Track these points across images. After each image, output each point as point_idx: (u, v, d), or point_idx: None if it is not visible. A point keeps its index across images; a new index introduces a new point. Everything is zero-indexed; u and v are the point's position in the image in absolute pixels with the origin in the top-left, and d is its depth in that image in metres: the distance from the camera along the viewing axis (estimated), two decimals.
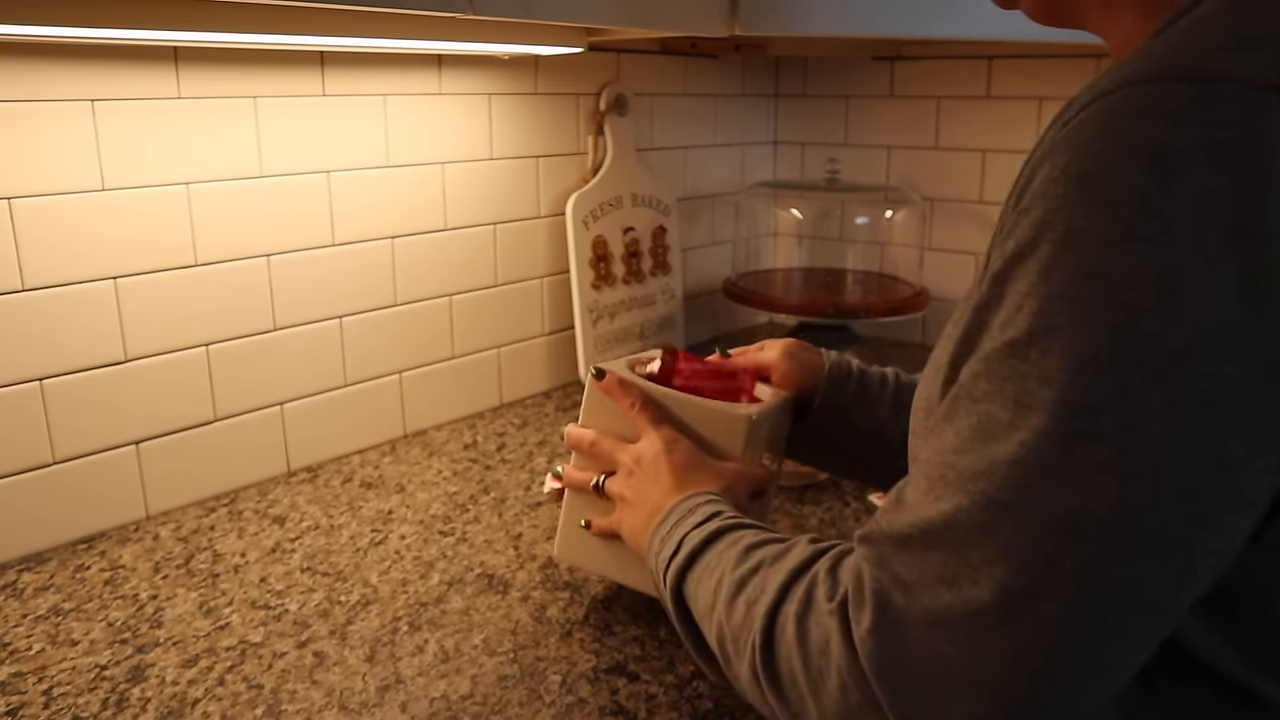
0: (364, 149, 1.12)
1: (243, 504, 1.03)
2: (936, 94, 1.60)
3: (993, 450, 0.40)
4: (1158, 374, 0.37)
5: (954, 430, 0.42)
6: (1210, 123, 0.36)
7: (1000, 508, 0.39)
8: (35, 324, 0.89)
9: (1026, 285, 0.40)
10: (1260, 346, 0.36)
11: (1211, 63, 0.38)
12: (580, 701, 0.70)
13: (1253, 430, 0.37)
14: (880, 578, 0.43)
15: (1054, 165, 0.40)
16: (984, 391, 0.41)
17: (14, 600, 0.83)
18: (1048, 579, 0.38)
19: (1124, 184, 0.37)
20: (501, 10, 0.81)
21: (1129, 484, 0.37)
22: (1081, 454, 0.38)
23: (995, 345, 0.41)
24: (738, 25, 1.02)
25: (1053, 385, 0.38)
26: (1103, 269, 0.37)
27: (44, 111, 0.87)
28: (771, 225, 1.80)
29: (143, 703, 0.70)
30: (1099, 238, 0.38)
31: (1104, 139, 0.38)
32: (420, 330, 1.23)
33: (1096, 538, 0.38)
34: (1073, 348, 0.38)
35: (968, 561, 0.40)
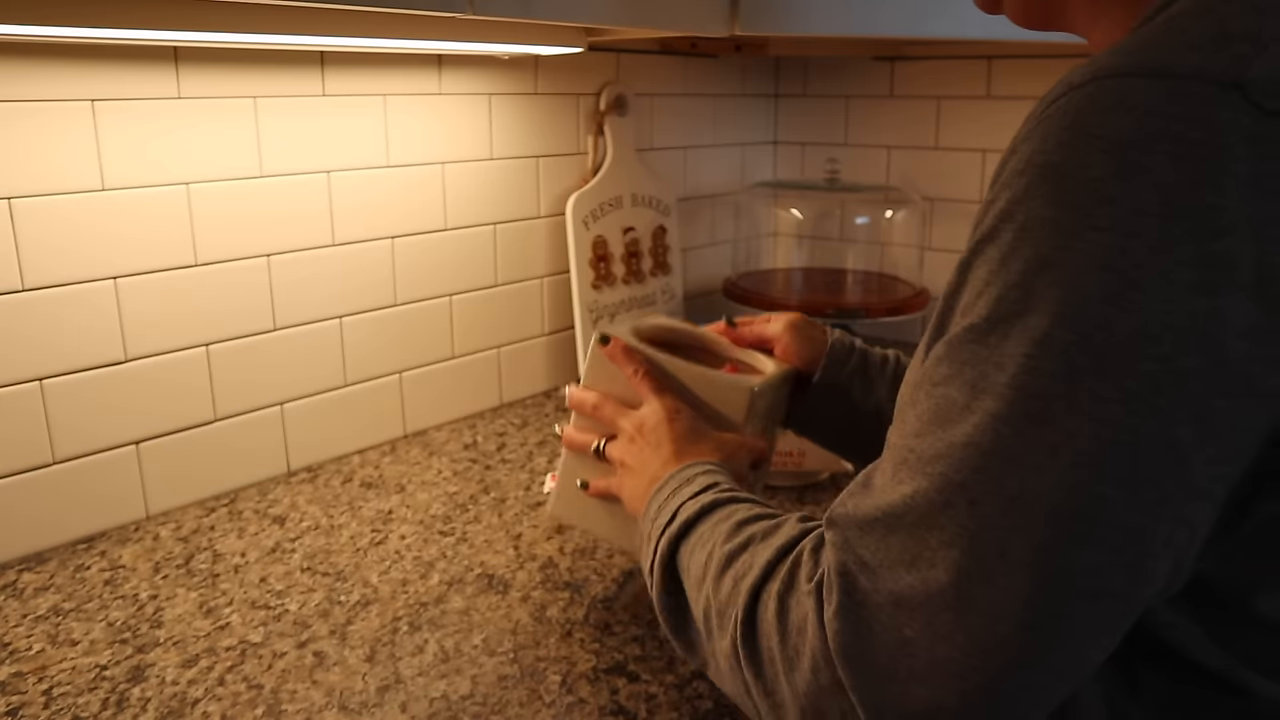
0: (364, 149, 1.12)
1: (243, 504, 1.03)
2: (936, 94, 1.60)
3: (949, 433, 0.41)
4: (1108, 362, 0.37)
5: (916, 414, 0.43)
6: (1171, 116, 0.37)
7: (956, 489, 0.40)
8: (35, 324, 0.89)
9: (987, 272, 0.41)
10: (1211, 337, 0.37)
11: (1177, 58, 0.38)
12: (580, 701, 0.70)
13: (1203, 420, 0.37)
14: (845, 560, 0.44)
15: (1020, 156, 0.41)
16: (944, 375, 0.42)
17: (14, 600, 0.83)
18: (1001, 562, 0.39)
19: (1083, 175, 0.38)
20: (501, 10, 0.81)
21: (1078, 469, 0.38)
22: (1033, 438, 0.39)
23: (957, 331, 0.42)
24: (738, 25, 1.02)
25: (1006, 370, 0.39)
26: (1058, 257, 0.38)
27: (44, 111, 0.87)
28: (771, 225, 1.80)
29: (143, 703, 0.70)
30: (1056, 226, 0.38)
31: (1068, 130, 0.39)
32: (420, 330, 1.23)
33: (1048, 522, 0.38)
34: (1027, 334, 0.39)
35: (926, 544, 0.41)
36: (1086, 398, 0.38)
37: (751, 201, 1.76)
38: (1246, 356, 0.37)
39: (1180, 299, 0.37)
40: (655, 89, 1.50)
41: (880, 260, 1.67)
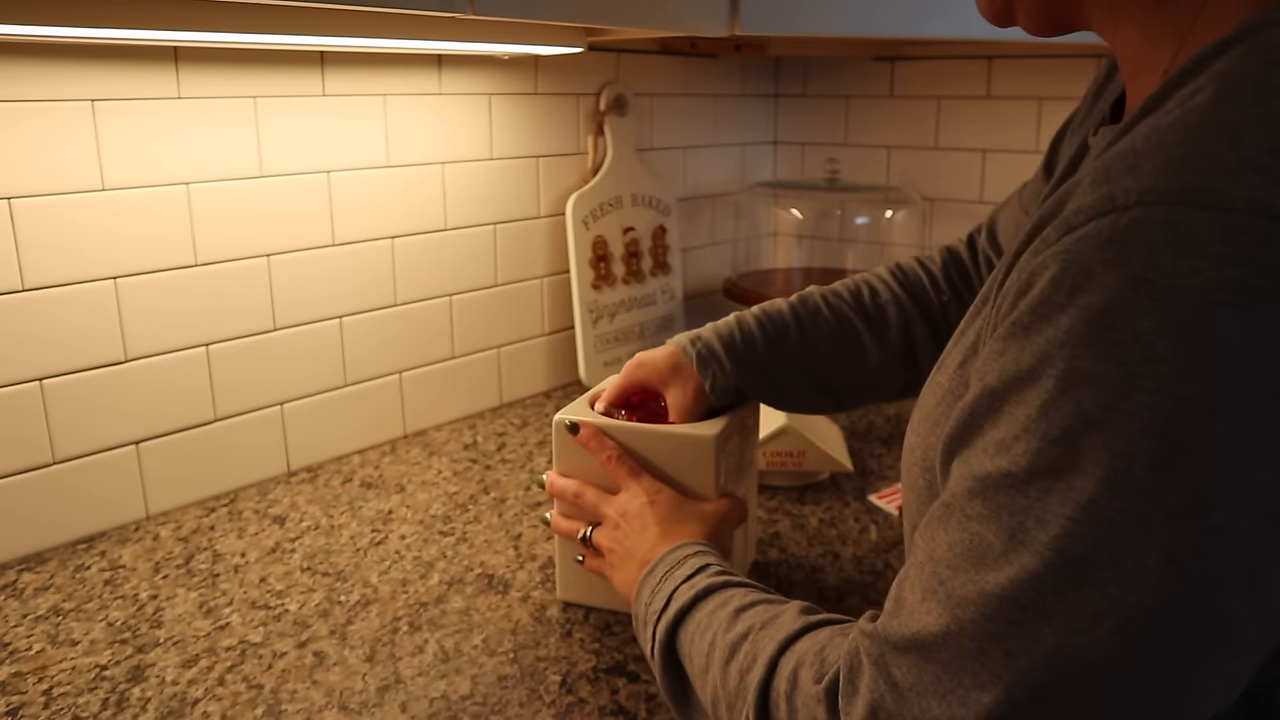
0: (364, 149, 1.12)
1: (243, 504, 1.03)
2: (936, 94, 1.60)
3: (985, 578, 0.39)
4: (1156, 532, 0.35)
5: (948, 541, 0.42)
6: (1228, 260, 0.34)
7: (991, 639, 0.39)
8: (35, 324, 0.89)
9: (1025, 418, 0.39)
10: (1268, 502, 0.35)
11: (1238, 188, 0.34)
12: (580, 701, 0.70)
13: (1255, 584, 0.36)
14: (878, 677, 0.43)
15: (1058, 286, 0.38)
16: (978, 513, 0.40)
17: (14, 600, 0.83)
18: (1035, 710, 0.38)
19: (1132, 327, 0.35)
20: (501, 10, 0.81)
21: (1122, 635, 0.36)
22: (1074, 600, 0.37)
23: (991, 470, 0.40)
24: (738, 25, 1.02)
25: (1048, 528, 0.38)
26: (1104, 417, 0.36)
27: (44, 111, 0.87)
28: (771, 225, 1.80)
29: (143, 703, 0.70)
30: (1102, 383, 0.36)
31: (1113, 269, 0.36)
32: (420, 330, 1.23)
33: (1086, 682, 0.37)
34: (1071, 495, 0.37)
35: (959, 682, 0.40)
36: (1133, 566, 0.36)
37: (751, 201, 1.76)
38: None
39: (1237, 467, 0.34)
40: (655, 89, 1.50)
41: (880, 260, 1.67)
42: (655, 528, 0.70)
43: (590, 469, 0.77)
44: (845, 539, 0.95)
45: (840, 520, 0.99)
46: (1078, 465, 0.37)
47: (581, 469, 0.78)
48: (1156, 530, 0.35)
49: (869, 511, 1.01)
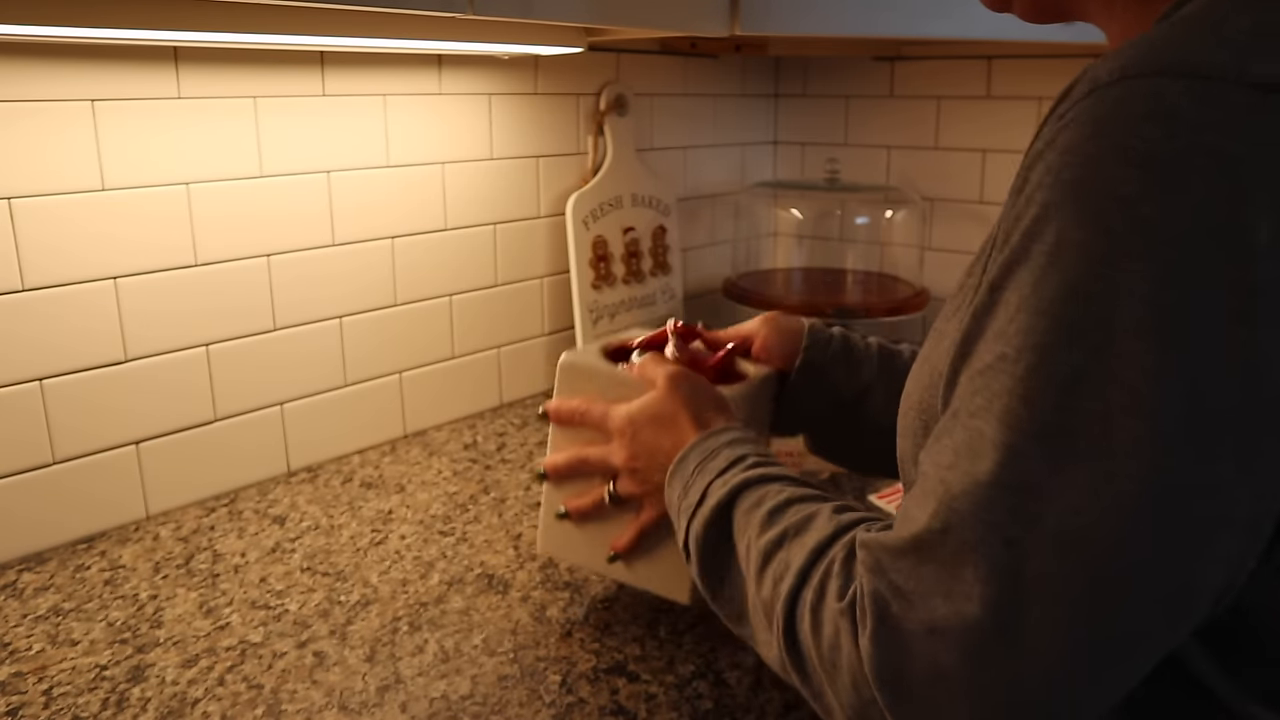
0: (364, 149, 1.12)
1: (243, 504, 1.03)
2: (936, 94, 1.60)
3: (978, 467, 0.39)
4: (1144, 399, 0.35)
5: (951, 444, 0.42)
6: (1206, 126, 0.35)
7: (989, 528, 0.39)
8: (35, 324, 0.89)
9: (1018, 298, 0.39)
10: (1250, 367, 0.35)
11: (1214, 57, 0.35)
12: (580, 701, 0.70)
13: (1244, 453, 0.36)
14: (879, 586, 0.43)
15: (1047, 167, 0.39)
16: (976, 406, 0.40)
17: (14, 600, 0.83)
18: (1035, 599, 0.38)
19: (1115, 192, 0.36)
20: (501, 10, 0.81)
21: (1119, 511, 0.36)
22: (1070, 478, 0.37)
23: (988, 359, 0.40)
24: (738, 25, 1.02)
25: (1035, 404, 0.38)
26: (1090, 286, 0.36)
27: (44, 111, 0.87)
28: (771, 225, 1.80)
29: (143, 703, 0.70)
30: (1086, 252, 0.36)
31: (1096, 141, 0.37)
32: (420, 330, 1.23)
33: (1086, 561, 0.37)
34: (1056, 367, 0.37)
35: (960, 577, 0.40)
36: (1123, 437, 0.36)
37: (751, 201, 1.76)
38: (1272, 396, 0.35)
39: (1218, 331, 0.35)
40: (655, 89, 1.50)
41: (880, 260, 1.67)
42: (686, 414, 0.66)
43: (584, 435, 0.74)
44: None
45: None
46: (1064, 338, 0.37)
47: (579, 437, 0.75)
48: (1144, 397, 0.35)
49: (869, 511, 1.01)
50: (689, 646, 0.76)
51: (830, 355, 0.77)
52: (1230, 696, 0.42)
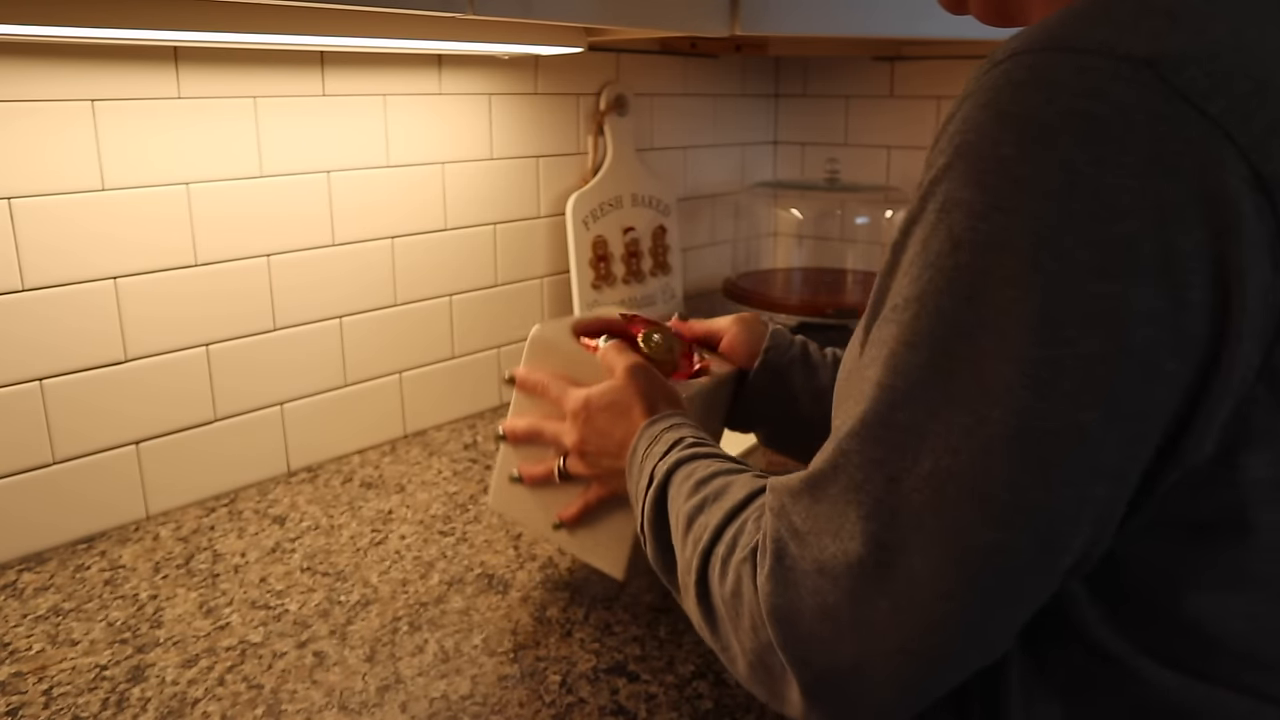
0: (364, 149, 1.12)
1: (243, 504, 1.03)
2: (936, 94, 1.60)
3: (864, 409, 0.42)
4: (1014, 346, 0.37)
5: (848, 393, 0.45)
6: (1079, 93, 0.36)
7: (873, 465, 0.41)
8: (35, 324, 0.89)
9: (912, 253, 0.41)
10: (1113, 321, 0.37)
11: (1095, 33, 0.38)
12: (580, 701, 0.70)
13: (1109, 404, 0.37)
14: (779, 526, 0.46)
15: (946, 136, 0.41)
16: (871, 357, 0.43)
17: (14, 600, 0.83)
18: (917, 536, 0.40)
19: (995, 153, 0.38)
20: (501, 10, 0.81)
21: (990, 453, 0.38)
22: (947, 419, 0.39)
23: (884, 312, 0.43)
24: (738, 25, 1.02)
25: (917, 349, 0.40)
26: (968, 238, 0.39)
27: (44, 111, 0.87)
28: (771, 225, 1.80)
29: (143, 703, 0.70)
30: (968, 208, 0.39)
31: (984, 109, 0.39)
32: (420, 330, 1.23)
33: (961, 500, 0.39)
34: (937, 313, 0.39)
35: (846, 516, 0.42)
36: (995, 381, 0.38)
37: (751, 201, 1.76)
38: (1151, 342, 0.37)
39: (1081, 283, 0.36)
40: (655, 89, 1.50)
41: (880, 260, 1.67)
42: (639, 404, 0.69)
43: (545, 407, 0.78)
44: None
45: None
46: (944, 287, 0.39)
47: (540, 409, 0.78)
48: (1015, 344, 0.37)
49: None
50: (689, 646, 0.76)
51: (789, 359, 0.80)
52: (1125, 655, 0.43)
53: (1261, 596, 0.41)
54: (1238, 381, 0.37)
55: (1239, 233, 0.35)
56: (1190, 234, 0.36)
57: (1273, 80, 0.37)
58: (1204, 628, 0.42)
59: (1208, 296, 0.36)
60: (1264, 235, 0.36)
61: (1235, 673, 0.42)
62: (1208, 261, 0.36)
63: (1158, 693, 0.43)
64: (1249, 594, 0.41)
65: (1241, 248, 0.36)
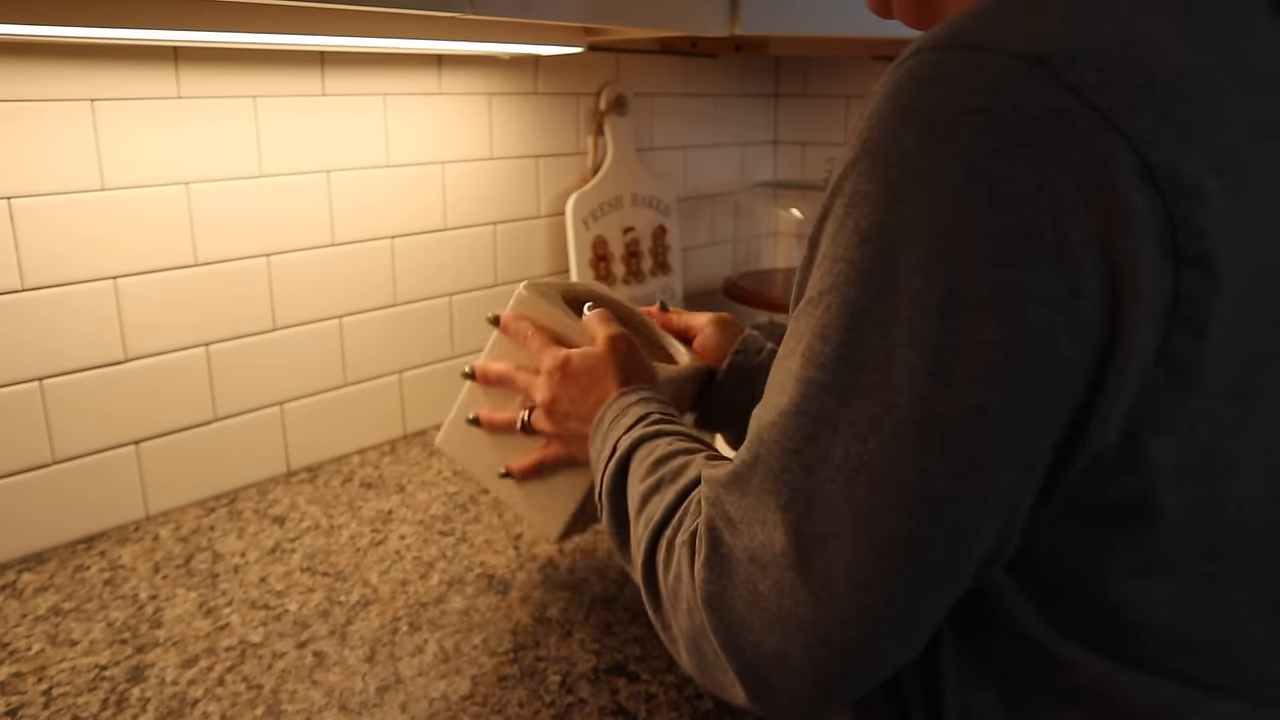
0: (364, 149, 1.12)
1: (243, 504, 1.03)
2: None
3: (786, 401, 0.43)
4: (918, 333, 0.38)
5: (774, 386, 0.45)
6: (976, 88, 0.38)
7: (791, 455, 0.43)
8: (35, 324, 0.89)
9: (824, 248, 0.43)
10: (1011, 308, 0.37)
11: (988, 30, 0.39)
12: (580, 701, 0.70)
13: (1010, 390, 0.38)
14: (714, 515, 0.47)
15: (856, 135, 0.42)
16: (787, 350, 0.44)
17: (14, 600, 0.83)
18: (832, 525, 0.41)
19: (897, 148, 0.39)
20: (501, 10, 0.81)
21: (896, 440, 0.39)
22: (856, 408, 0.40)
23: (799, 306, 0.44)
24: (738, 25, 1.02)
25: (829, 340, 0.41)
26: (873, 230, 0.40)
27: (44, 111, 0.87)
28: (771, 225, 1.80)
29: (143, 703, 0.70)
30: (873, 201, 0.40)
31: (887, 104, 0.40)
32: (420, 330, 1.23)
33: (871, 489, 0.40)
34: (846, 305, 0.41)
35: (769, 505, 0.43)
36: (901, 369, 0.39)
37: (751, 201, 1.76)
38: (1048, 327, 0.37)
39: (981, 271, 0.37)
40: (655, 89, 1.50)
41: None
42: (613, 375, 0.69)
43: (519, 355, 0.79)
44: None
45: None
46: (852, 278, 0.41)
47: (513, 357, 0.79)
48: (918, 331, 0.39)
49: None
50: None
51: (756, 363, 0.81)
52: (1051, 642, 0.44)
53: (1180, 582, 0.42)
54: (1137, 367, 0.38)
55: (1127, 222, 0.36)
56: (1082, 223, 0.37)
57: (1162, 73, 0.37)
58: (1127, 613, 0.43)
59: (1101, 283, 0.37)
60: (1154, 225, 0.36)
61: (1161, 658, 0.43)
62: (1098, 250, 0.37)
63: (1086, 678, 0.44)
64: (1167, 580, 0.42)
65: (1131, 236, 0.36)
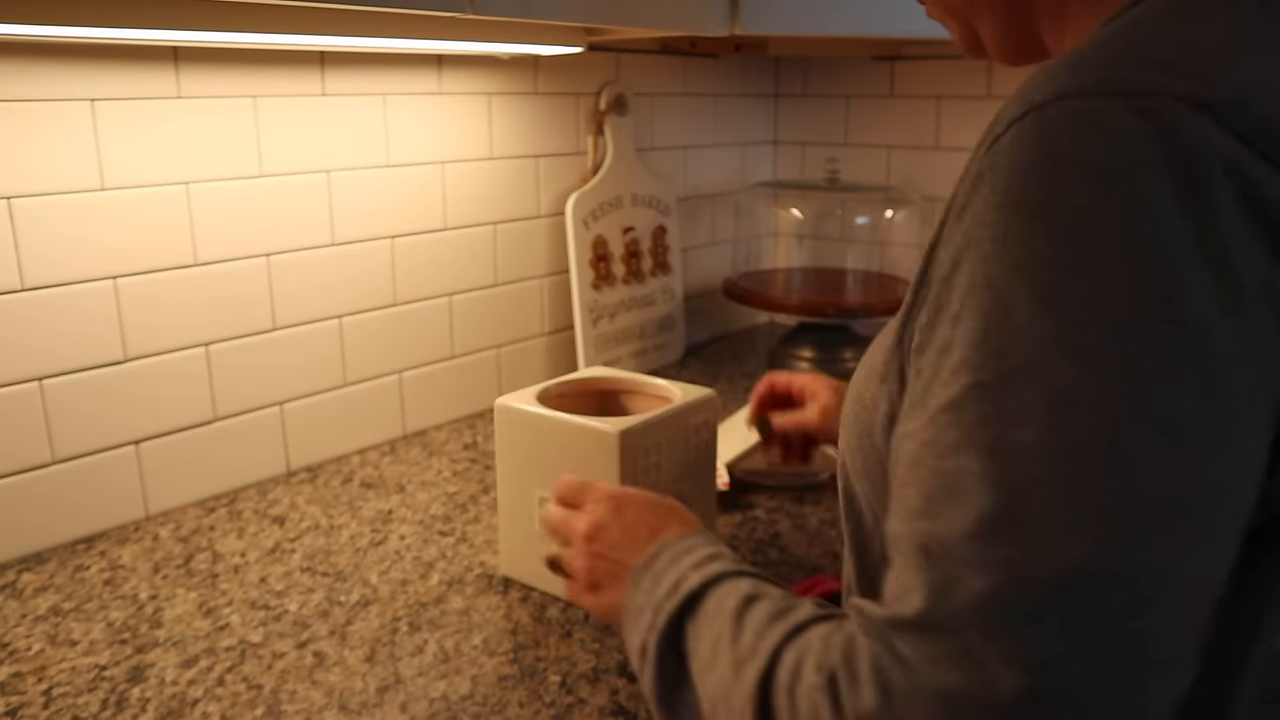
0: (364, 149, 1.12)
1: (243, 504, 1.03)
2: (936, 94, 1.60)
3: (973, 507, 0.36)
4: (1142, 400, 0.35)
5: (922, 493, 0.39)
6: (1148, 138, 0.36)
7: (1000, 568, 0.35)
8: (35, 324, 0.89)
9: (982, 324, 0.38)
10: (1244, 348, 0.35)
11: (1141, 76, 0.37)
12: (580, 701, 0.70)
13: (1246, 459, 0.36)
14: (879, 653, 0.39)
15: (993, 189, 0.38)
16: (950, 444, 0.38)
17: (14, 600, 0.83)
18: (1074, 648, 0.34)
19: (1071, 205, 0.36)
20: (501, 10, 0.81)
21: (1144, 527, 0.34)
22: (1082, 497, 0.35)
23: (955, 392, 0.38)
24: (738, 25, 1.02)
25: (1033, 426, 0.36)
26: (1062, 295, 0.36)
27: (44, 111, 0.87)
28: (771, 225, 1.80)
29: (142, 703, 0.70)
30: (1052, 264, 0.36)
31: (1040, 160, 0.37)
32: (420, 330, 1.23)
33: (1116, 589, 0.34)
34: (1046, 382, 0.36)
35: (973, 639, 0.36)
36: (1126, 443, 0.35)
37: (751, 201, 1.76)
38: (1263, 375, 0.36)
39: (1201, 319, 0.35)
40: (655, 89, 1.50)
41: (880, 260, 1.67)
42: (643, 529, 0.61)
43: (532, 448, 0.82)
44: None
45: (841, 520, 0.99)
46: (1048, 350, 0.36)
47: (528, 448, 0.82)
48: (1142, 399, 0.35)
49: None
50: None
51: None
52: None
53: None
54: None
55: None
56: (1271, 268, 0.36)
57: None
58: None
59: None
60: None
61: None
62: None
63: None
64: None
65: None
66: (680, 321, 1.55)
